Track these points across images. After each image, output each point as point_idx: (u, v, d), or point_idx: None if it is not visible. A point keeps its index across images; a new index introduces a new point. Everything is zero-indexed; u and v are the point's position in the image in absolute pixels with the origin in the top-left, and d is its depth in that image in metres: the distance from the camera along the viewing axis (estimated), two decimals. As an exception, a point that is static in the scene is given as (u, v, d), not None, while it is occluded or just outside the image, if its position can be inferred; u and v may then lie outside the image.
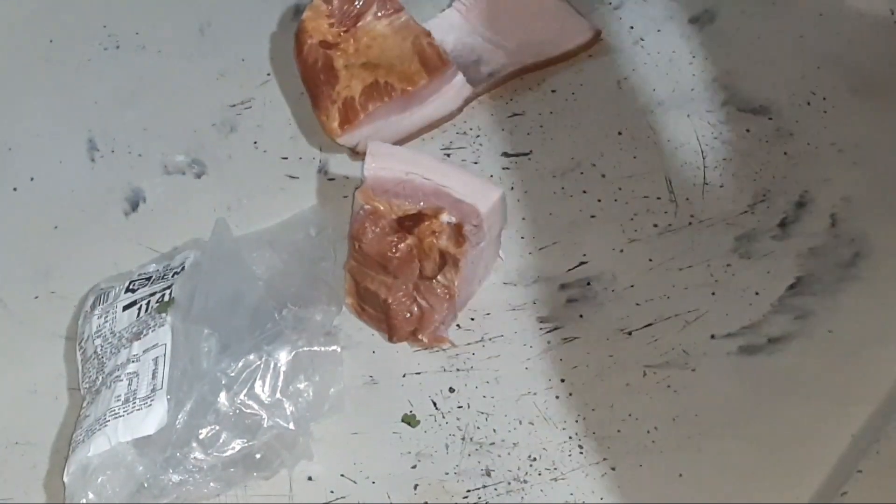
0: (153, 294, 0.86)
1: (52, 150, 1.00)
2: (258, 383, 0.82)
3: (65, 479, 0.80)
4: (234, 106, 1.02)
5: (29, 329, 0.91)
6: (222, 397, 0.81)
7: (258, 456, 0.81)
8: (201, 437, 0.80)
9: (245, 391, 0.81)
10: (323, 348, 0.84)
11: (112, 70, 1.05)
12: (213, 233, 0.89)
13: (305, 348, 0.83)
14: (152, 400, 0.81)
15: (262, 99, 1.02)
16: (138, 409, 0.80)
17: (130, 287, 0.88)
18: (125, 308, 0.87)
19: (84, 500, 0.79)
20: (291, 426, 0.82)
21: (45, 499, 0.84)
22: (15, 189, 0.98)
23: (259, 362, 0.82)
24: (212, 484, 0.80)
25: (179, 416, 0.80)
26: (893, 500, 0.79)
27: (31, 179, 0.99)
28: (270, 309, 0.84)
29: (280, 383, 0.82)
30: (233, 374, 0.81)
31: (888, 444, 0.82)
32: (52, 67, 1.05)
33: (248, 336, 0.83)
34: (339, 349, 0.84)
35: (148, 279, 0.88)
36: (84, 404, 0.84)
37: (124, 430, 0.80)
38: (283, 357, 0.82)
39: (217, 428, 0.80)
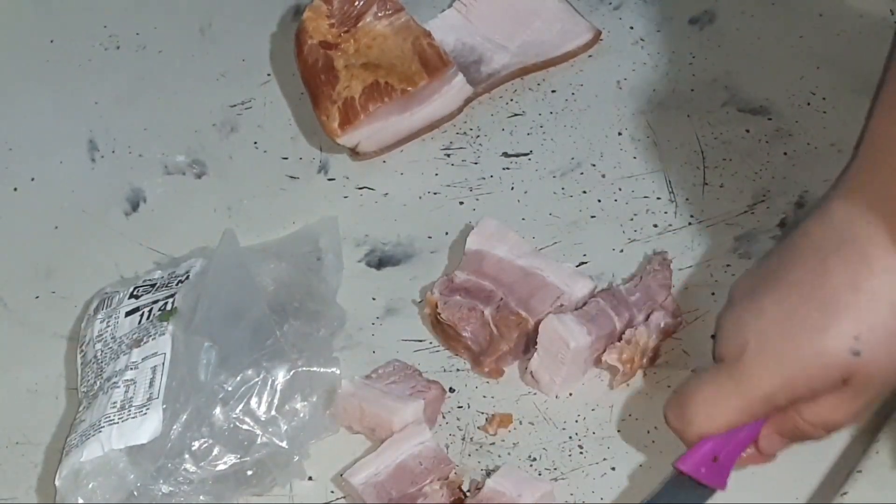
0: (156, 301, 0.86)
1: (53, 151, 1.00)
2: (254, 399, 0.81)
3: (56, 482, 0.80)
4: (234, 106, 1.02)
5: (29, 329, 0.91)
6: (217, 411, 0.80)
7: (249, 472, 0.81)
8: (194, 449, 0.80)
9: (241, 406, 0.81)
10: (322, 369, 0.83)
11: (112, 70, 1.05)
12: (220, 243, 0.88)
13: (304, 368, 0.83)
14: (148, 409, 0.80)
15: (262, 99, 1.02)
16: (133, 417, 0.80)
17: (134, 293, 0.88)
18: (127, 314, 0.86)
19: None
20: (285, 444, 0.81)
21: (42, 500, 0.84)
22: (15, 189, 0.99)
23: (257, 379, 0.81)
24: (201, 497, 0.80)
25: (174, 427, 0.79)
26: (893, 501, 0.79)
27: (32, 179, 0.99)
28: (272, 324, 0.83)
29: (276, 401, 0.81)
30: (230, 389, 0.81)
31: (888, 444, 0.81)
32: (52, 67, 1.05)
33: (248, 351, 0.82)
34: (338, 371, 0.84)
35: (152, 286, 0.88)
36: (80, 408, 0.84)
37: (118, 437, 0.80)
38: (281, 375, 0.82)
39: (210, 441, 0.80)
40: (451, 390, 0.86)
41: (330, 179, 0.98)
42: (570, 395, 0.86)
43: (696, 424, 0.74)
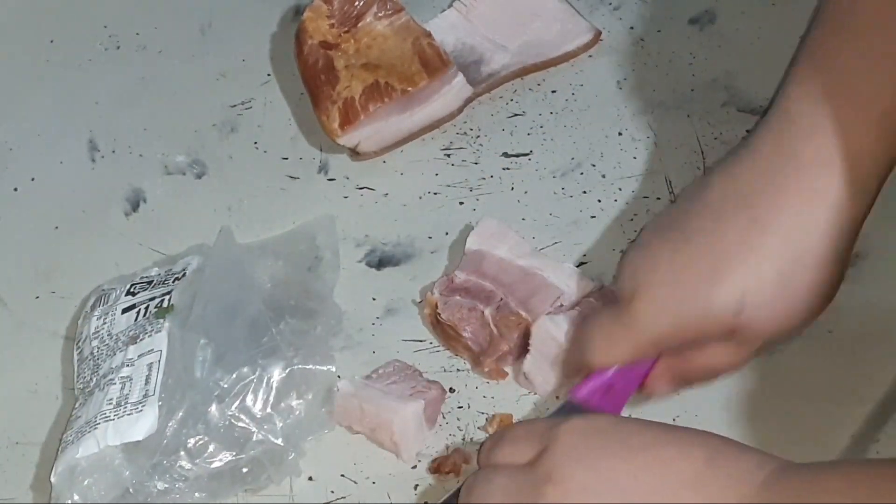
0: (153, 298, 0.86)
1: (53, 151, 1.00)
2: (250, 397, 0.81)
3: (52, 479, 0.80)
4: (234, 106, 1.02)
5: (29, 329, 0.91)
6: (213, 408, 0.80)
7: (245, 470, 0.81)
8: (189, 446, 0.80)
9: (236, 404, 0.81)
10: (318, 367, 0.83)
11: (112, 70, 1.05)
12: (216, 240, 0.88)
13: (300, 366, 0.83)
14: (143, 406, 0.80)
15: (262, 99, 1.02)
16: (129, 414, 0.80)
17: (131, 290, 0.88)
18: (124, 311, 0.86)
19: (69, 502, 0.78)
20: (280, 442, 0.81)
21: (42, 499, 0.84)
22: (15, 189, 0.99)
23: (252, 376, 0.81)
24: (196, 494, 0.80)
25: (170, 424, 0.79)
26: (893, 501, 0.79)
27: (32, 179, 0.99)
28: (268, 321, 0.83)
29: (272, 398, 0.82)
30: (226, 386, 0.81)
31: (888, 443, 0.82)
32: (52, 67, 1.05)
33: (243, 348, 0.82)
34: (334, 369, 0.84)
35: (149, 283, 0.88)
36: (76, 405, 0.84)
37: (113, 434, 0.79)
38: (277, 372, 0.82)
39: (206, 438, 0.80)
40: (451, 390, 0.86)
41: (330, 179, 0.98)
42: (571, 395, 0.86)
43: (592, 358, 0.78)
